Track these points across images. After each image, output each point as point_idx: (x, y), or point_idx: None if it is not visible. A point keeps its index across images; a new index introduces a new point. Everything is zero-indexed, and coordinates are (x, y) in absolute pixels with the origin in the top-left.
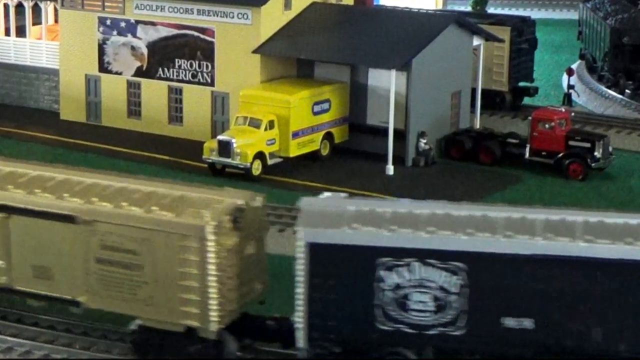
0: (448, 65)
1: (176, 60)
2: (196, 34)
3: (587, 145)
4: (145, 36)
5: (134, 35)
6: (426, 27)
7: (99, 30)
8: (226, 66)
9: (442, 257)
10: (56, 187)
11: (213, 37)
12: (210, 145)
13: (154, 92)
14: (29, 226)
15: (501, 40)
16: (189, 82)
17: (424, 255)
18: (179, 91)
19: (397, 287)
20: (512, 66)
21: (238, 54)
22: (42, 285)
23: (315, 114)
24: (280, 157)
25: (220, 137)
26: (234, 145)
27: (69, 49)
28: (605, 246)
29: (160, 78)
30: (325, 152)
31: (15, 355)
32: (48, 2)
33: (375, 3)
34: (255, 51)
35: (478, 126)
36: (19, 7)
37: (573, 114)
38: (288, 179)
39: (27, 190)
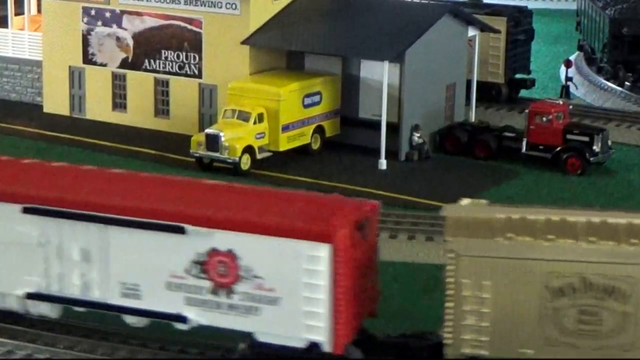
0: (442, 57)
1: (163, 51)
2: (183, 24)
3: (586, 139)
4: (130, 27)
5: (119, 26)
6: (420, 17)
7: (83, 20)
8: (214, 58)
9: None
10: None
11: (200, 28)
12: (198, 139)
13: (139, 84)
14: None
15: (497, 31)
16: (175, 74)
17: None
18: (166, 83)
19: None
20: (509, 58)
21: (226, 45)
22: None
23: (306, 106)
24: (270, 151)
25: (208, 131)
26: (222, 138)
27: (52, 40)
28: None
29: (146, 70)
30: (316, 146)
31: None
32: None
33: None
34: (244, 42)
35: (473, 119)
36: None
37: (571, 106)
38: (278, 174)
39: None
